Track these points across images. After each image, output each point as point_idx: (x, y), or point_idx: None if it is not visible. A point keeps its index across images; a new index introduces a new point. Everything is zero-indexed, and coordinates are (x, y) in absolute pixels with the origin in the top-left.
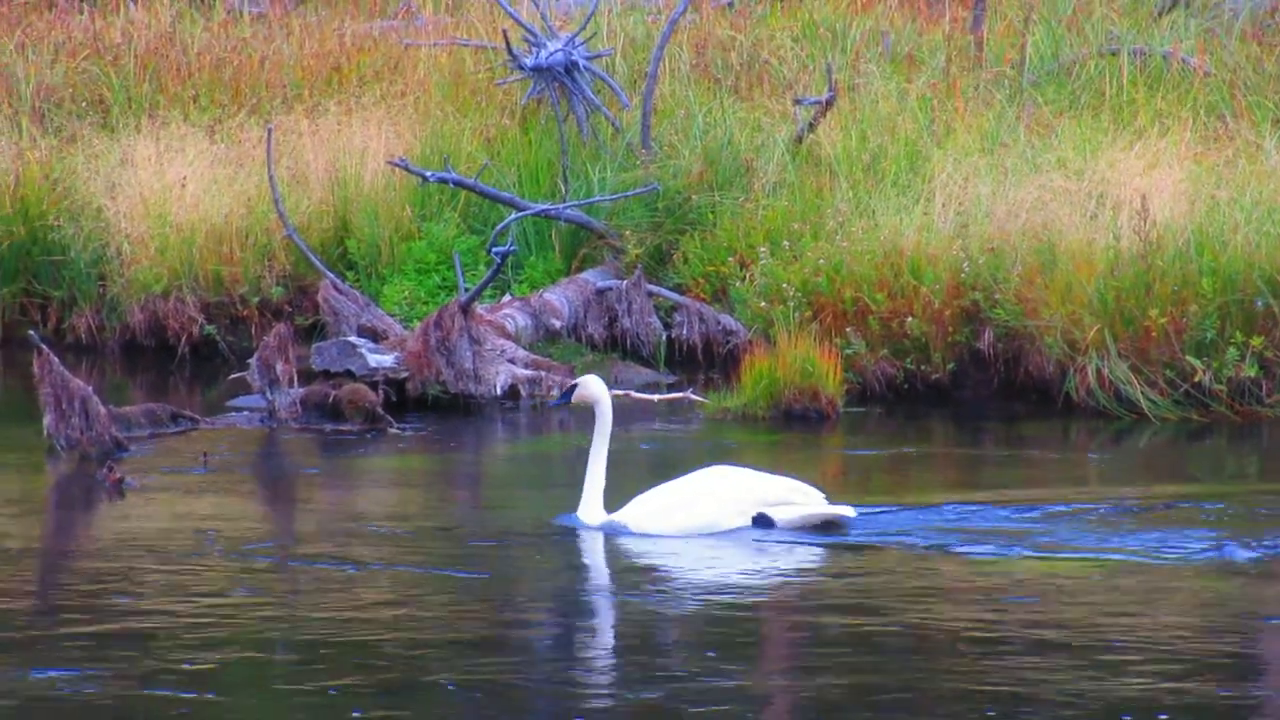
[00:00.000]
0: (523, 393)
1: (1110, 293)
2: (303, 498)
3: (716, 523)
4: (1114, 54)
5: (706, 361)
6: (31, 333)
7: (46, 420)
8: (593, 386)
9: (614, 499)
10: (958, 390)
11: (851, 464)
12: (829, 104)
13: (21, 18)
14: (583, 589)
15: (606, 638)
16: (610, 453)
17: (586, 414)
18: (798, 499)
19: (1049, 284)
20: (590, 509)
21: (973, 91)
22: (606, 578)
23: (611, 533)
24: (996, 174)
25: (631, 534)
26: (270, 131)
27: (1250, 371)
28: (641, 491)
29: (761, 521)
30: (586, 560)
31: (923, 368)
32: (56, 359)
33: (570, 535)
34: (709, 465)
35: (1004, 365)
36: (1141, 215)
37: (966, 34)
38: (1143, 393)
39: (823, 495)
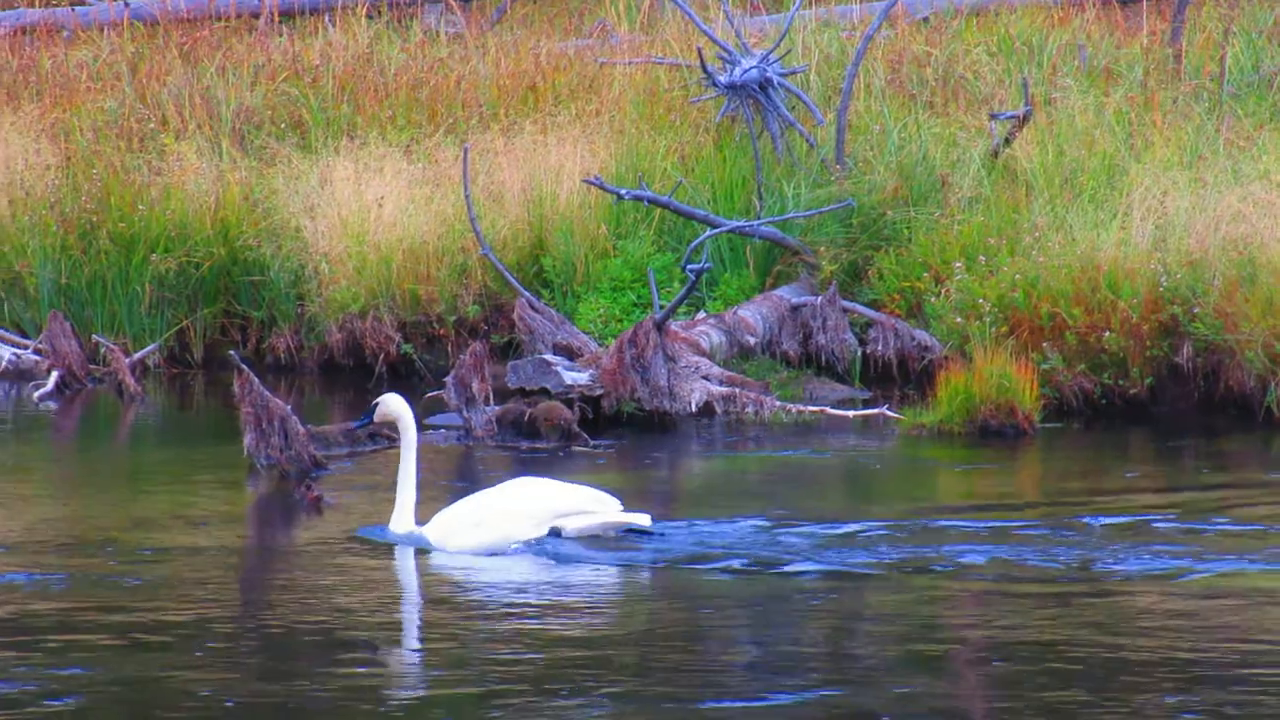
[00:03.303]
0: (717, 409)
1: None
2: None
3: (511, 536)
4: None
5: (902, 377)
6: (232, 353)
7: (246, 439)
8: (392, 404)
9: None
10: (1156, 405)
11: (1047, 479)
12: (1025, 118)
13: (222, 41)
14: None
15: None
16: (805, 467)
17: (777, 429)
18: (594, 508)
19: (1249, 297)
20: (400, 520)
21: (1171, 104)
22: (387, 593)
23: (416, 544)
24: (1196, 187)
25: (432, 547)
26: (466, 151)
27: None
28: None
29: (556, 534)
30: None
31: (1120, 383)
32: (256, 379)
33: (371, 547)
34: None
35: (1203, 380)
36: None
37: (1165, 46)
38: None
39: (619, 504)
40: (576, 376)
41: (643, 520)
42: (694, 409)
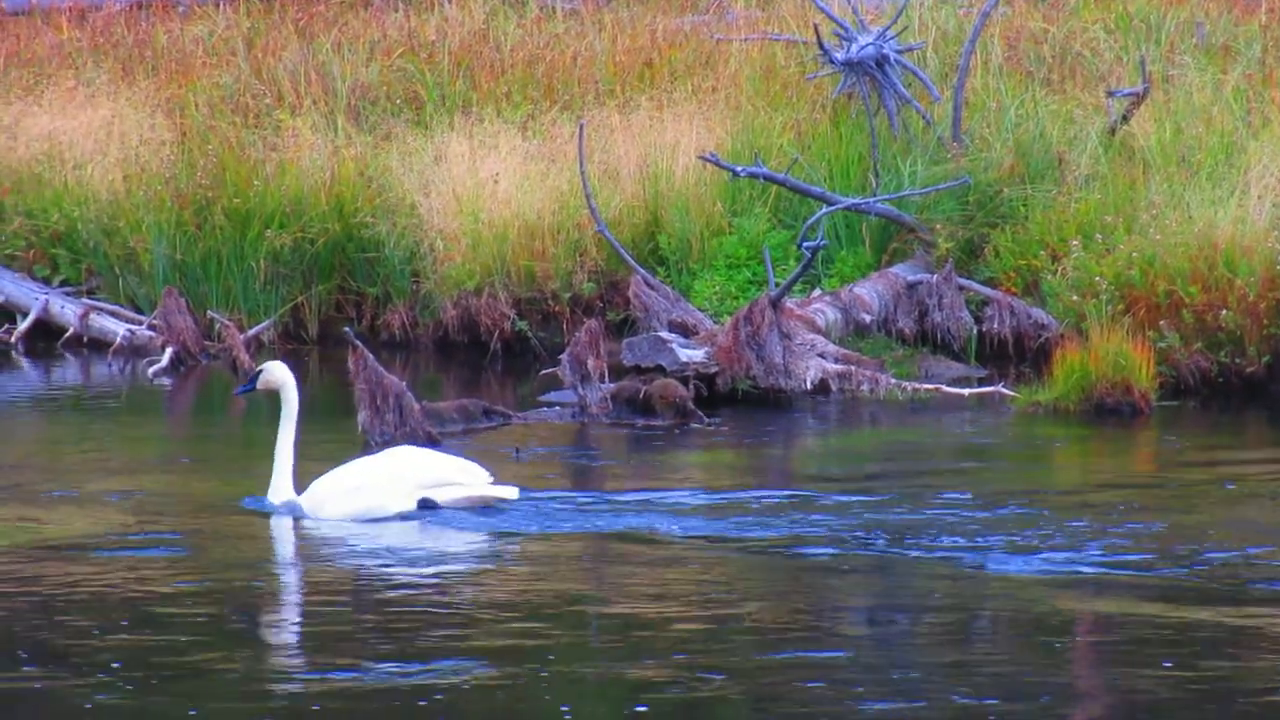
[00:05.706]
0: (832, 387)
1: None
2: (611, 491)
3: (382, 506)
4: None
5: (1017, 355)
6: (347, 329)
7: (361, 416)
8: (276, 372)
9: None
10: (1274, 383)
11: (1163, 457)
12: (1143, 96)
13: (338, 16)
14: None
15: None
16: (916, 445)
17: (892, 407)
18: (463, 480)
19: None
20: (277, 489)
21: None
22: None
23: (292, 513)
24: None
25: (307, 516)
26: (582, 127)
27: None
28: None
29: (426, 504)
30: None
31: (1237, 361)
32: (371, 355)
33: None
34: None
35: None
36: None
37: None
38: None
39: (489, 475)
40: (692, 354)
41: (510, 493)
42: (809, 386)
